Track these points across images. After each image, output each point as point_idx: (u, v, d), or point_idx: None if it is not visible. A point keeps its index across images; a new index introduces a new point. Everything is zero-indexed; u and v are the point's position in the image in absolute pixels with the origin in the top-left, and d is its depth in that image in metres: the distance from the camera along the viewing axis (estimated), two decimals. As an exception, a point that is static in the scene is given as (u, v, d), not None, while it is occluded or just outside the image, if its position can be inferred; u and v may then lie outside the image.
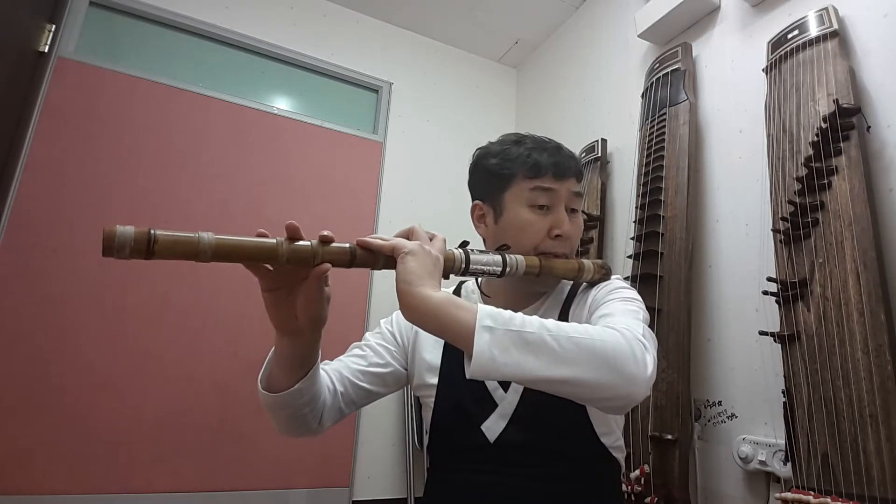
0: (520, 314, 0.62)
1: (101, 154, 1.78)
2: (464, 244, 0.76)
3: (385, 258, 0.66)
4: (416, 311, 0.62)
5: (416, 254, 0.65)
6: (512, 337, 0.59)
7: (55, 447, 1.56)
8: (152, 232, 0.53)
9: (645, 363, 0.62)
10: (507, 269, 0.75)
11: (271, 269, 0.64)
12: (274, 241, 0.60)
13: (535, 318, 0.62)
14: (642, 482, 1.33)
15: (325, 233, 0.63)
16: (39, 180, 1.68)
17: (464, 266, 0.72)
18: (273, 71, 2.24)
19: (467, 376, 0.59)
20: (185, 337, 1.79)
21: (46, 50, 1.76)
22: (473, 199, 0.90)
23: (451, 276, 0.73)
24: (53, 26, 1.77)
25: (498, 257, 0.75)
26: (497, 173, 0.85)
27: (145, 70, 1.94)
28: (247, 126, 2.04)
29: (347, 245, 0.65)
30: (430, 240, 0.70)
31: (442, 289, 0.65)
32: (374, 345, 0.90)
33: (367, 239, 0.66)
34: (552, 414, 0.78)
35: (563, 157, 0.84)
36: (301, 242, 0.61)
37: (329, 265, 0.63)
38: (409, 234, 0.70)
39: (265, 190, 1.98)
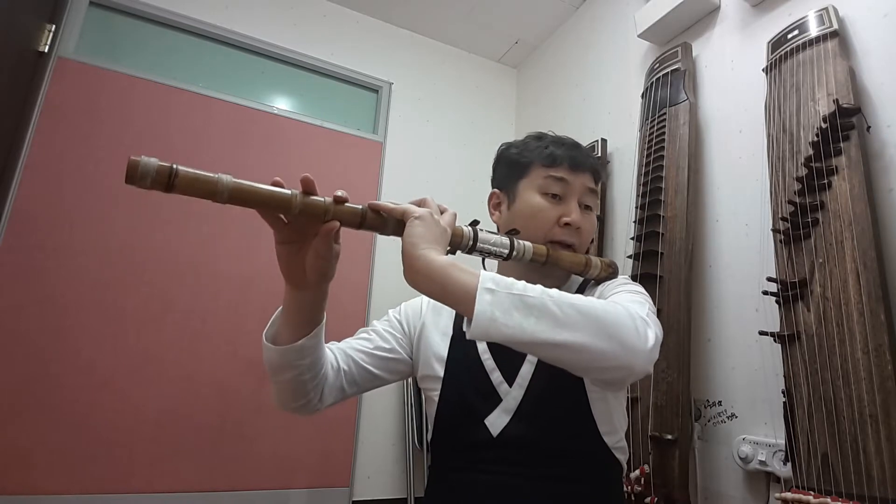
0: (522, 281, 0.62)
1: (101, 154, 1.78)
2: (474, 223, 0.77)
3: (394, 223, 0.67)
4: (418, 274, 0.63)
5: (425, 219, 0.67)
6: (513, 300, 0.59)
7: (55, 447, 1.56)
8: (174, 166, 0.55)
9: (646, 336, 0.63)
10: (514, 253, 0.76)
11: (286, 221, 0.67)
12: (289, 192, 0.63)
13: (537, 285, 0.62)
14: (642, 482, 1.33)
15: (340, 193, 0.65)
16: (39, 180, 1.68)
17: (471, 243, 0.73)
18: (273, 71, 2.23)
19: (467, 336, 0.60)
20: (185, 337, 1.79)
21: (46, 50, 1.75)
22: (492, 189, 0.94)
23: (458, 252, 0.73)
24: (53, 26, 1.77)
25: (506, 240, 0.76)
26: (516, 161, 0.89)
27: (145, 70, 1.94)
28: (247, 126, 2.04)
29: (359, 206, 0.66)
30: (441, 212, 0.71)
31: None
32: (381, 330, 0.91)
33: (378, 202, 0.68)
34: (556, 410, 0.78)
35: (581, 152, 0.88)
36: (315, 197, 0.64)
37: (338, 223, 0.65)
38: (421, 204, 0.71)
39: (265, 190, 1.97)
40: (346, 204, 0.65)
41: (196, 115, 1.97)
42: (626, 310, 0.64)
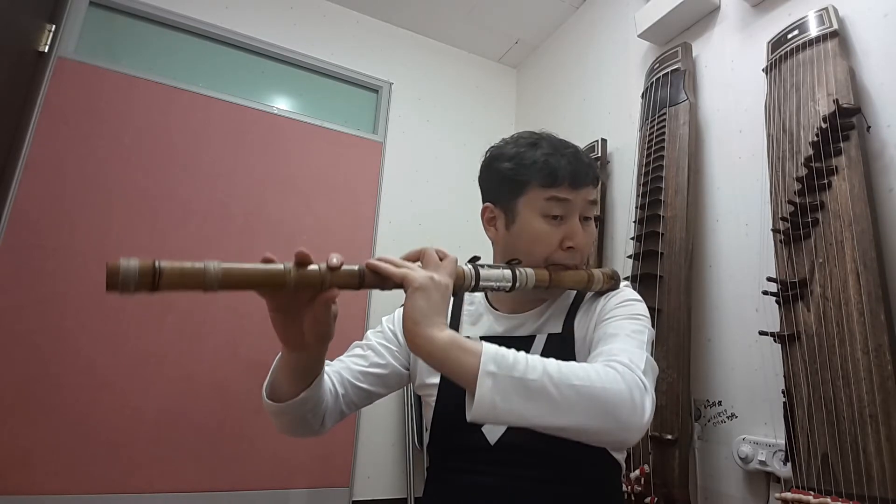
0: (523, 355, 0.62)
1: (101, 154, 1.78)
2: (474, 259, 0.75)
3: (394, 284, 0.65)
4: (421, 350, 0.62)
5: (426, 289, 0.64)
6: (514, 384, 0.59)
7: (55, 447, 1.56)
8: (157, 265, 0.51)
9: (643, 409, 0.63)
10: (517, 284, 0.75)
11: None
12: (281, 266, 0.59)
13: (537, 360, 0.62)
14: (642, 482, 1.33)
15: (335, 261, 0.61)
16: (39, 180, 1.68)
17: (474, 283, 0.72)
18: (273, 71, 2.23)
19: (468, 419, 0.59)
20: (185, 337, 1.79)
21: (46, 50, 1.75)
22: (484, 201, 0.88)
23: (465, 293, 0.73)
24: (53, 26, 1.77)
25: (508, 272, 0.75)
26: (511, 178, 0.81)
27: (145, 70, 1.94)
28: (247, 126, 2.04)
29: (356, 268, 0.63)
30: (441, 260, 0.68)
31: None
32: (375, 344, 0.89)
33: (377, 264, 0.65)
34: None
35: (581, 164, 0.81)
36: (310, 268, 0.60)
37: (337, 291, 0.62)
38: (419, 257, 0.68)
39: (265, 190, 1.98)
40: (343, 267, 0.62)
41: (196, 115, 1.97)
42: (623, 380, 0.63)
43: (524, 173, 0.80)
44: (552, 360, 0.63)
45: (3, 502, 1.48)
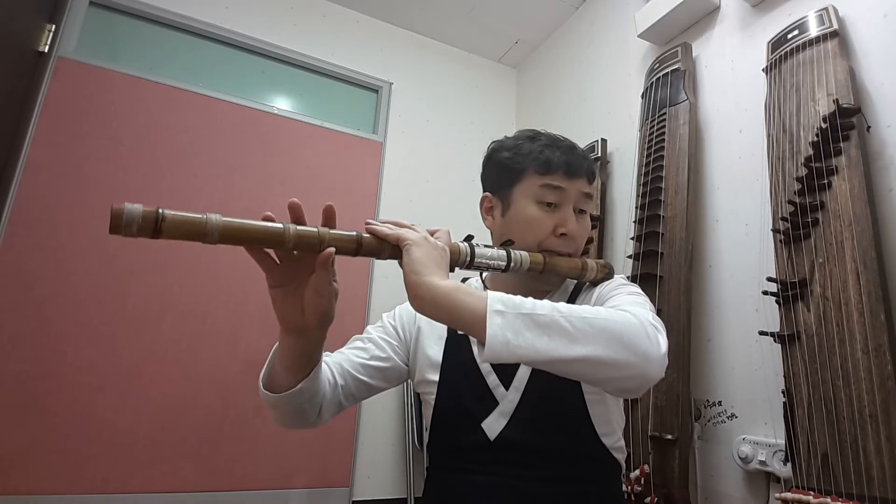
0: (530, 298, 0.61)
1: (101, 154, 1.78)
2: (468, 238, 0.76)
3: (391, 248, 0.66)
4: (424, 301, 0.62)
5: (421, 244, 0.65)
6: (524, 319, 0.58)
7: (55, 447, 1.56)
8: (160, 211, 0.53)
9: (658, 342, 0.62)
10: (512, 265, 0.76)
11: (279, 262, 0.65)
12: (280, 225, 0.61)
13: (545, 301, 0.62)
14: (642, 482, 1.33)
15: (329, 203, 0.64)
16: (39, 180, 1.68)
17: (469, 259, 0.73)
18: (273, 71, 2.23)
19: (480, 361, 0.59)
20: (185, 337, 1.79)
21: (46, 50, 1.75)
22: (484, 192, 0.90)
23: (456, 269, 0.73)
24: (53, 26, 1.77)
25: (502, 252, 0.76)
26: (508, 167, 0.85)
27: (145, 70, 1.94)
28: (247, 126, 2.04)
29: (354, 233, 0.65)
30: (433, 234, 0.70)
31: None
32: (376, 338, 0.90)
33: (373, 225, 0.67)
34: (553, 413, 0.78)
35: (576, 156, 0.84)
36: (307, 227, 0.62)
37: (333, 250, 0.62)
38: (412, 228, 0.70)
39: (265, 190, 1.98)
40: (340, 231, 0.64)
41: (196, 115, 1.97)
42: (635, 317, 0.63)
43: (521, 161, 0.84)
44: (560, 302, 0.62)
45: (3, 502, 1.48)
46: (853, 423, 1.02)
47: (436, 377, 0.85)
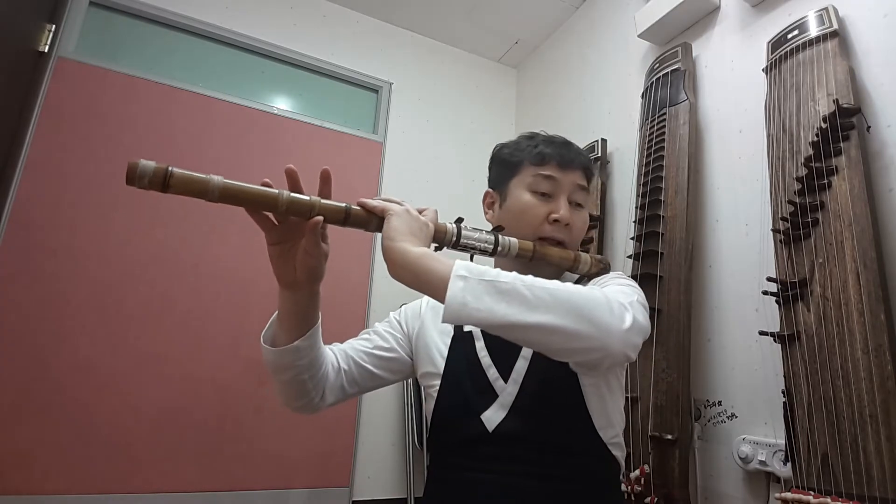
0: (497, 269, 0.64)
1: (101, 154, 1.78)
2: (458, 220, 0.79)
3: (377, 220, 0.70)
4: (395, 265, 0.65)
5: (401, 215, 0.70)
6: (485, 286, 0.61)
7: (55, 447, 1.56)
8: (169, 168, 0.60)
9: (622, 317, 0.63)
10: (499, 249, 0.78)
11: (277, 224, 0.71)
12: (276, 191, 0.67)
13: (512, 272, 0.64)
14: (642, 482, 1.33)
15: (324, 167, 0.72)
16: (39, 180, 1.68)
17: (455, 239, 0.76)
18: (273, 71, 2.23)
19: (441, 321, 0.61)
20: (185, 337, 1.79)
21: (46, 50, 1.75)
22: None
23: (445, 249, 0.76)
24: (53, 26, 1.77)
25: (490, 236, 0.78)
26: (507, 161, 0.91)
27: (145, 70, 1.94)
28: (247, 126, 2.04)
29: (343, 204, 0.70)
30: (420, 212, 0.75)
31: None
32: (381, 331, 0.95)
33: (362, 199, 0.72)
34: (550, 404, 0.79)
35: (570, 150, 0.89)
36: (300, 195, 0.68)
37: (321, 218, 0.68)
38: (400, 203, 0.74)
39: (265, 190, 1.97)
40: (331, 201, 0.69)
41: (196, 115, 1.97)
42: (603, 294, 0.65)
43: (518, 155, 0.90)
44: (528, 276, 0.64)
45: (3, 502, 1.48)
46: (853, 423, 1.02)
47: (440, 369, 0.87)
